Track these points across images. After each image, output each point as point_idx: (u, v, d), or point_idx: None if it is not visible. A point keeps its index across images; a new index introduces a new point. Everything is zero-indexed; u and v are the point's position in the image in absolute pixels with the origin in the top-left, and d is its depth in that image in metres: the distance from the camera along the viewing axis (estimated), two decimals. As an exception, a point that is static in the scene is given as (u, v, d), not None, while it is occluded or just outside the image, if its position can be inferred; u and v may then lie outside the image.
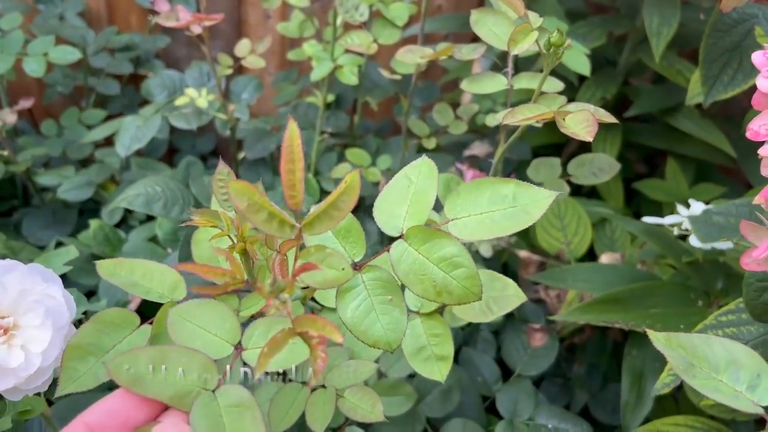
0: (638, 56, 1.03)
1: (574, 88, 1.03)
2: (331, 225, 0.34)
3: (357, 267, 0.39)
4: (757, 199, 0.42)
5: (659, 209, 1.08)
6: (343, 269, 0.36)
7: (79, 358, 0.38)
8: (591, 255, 0.94)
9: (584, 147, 1.14)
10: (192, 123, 0.78)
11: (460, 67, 1.10)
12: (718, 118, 1.04)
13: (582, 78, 1.03)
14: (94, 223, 0.76)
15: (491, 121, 0.72)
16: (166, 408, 0.35)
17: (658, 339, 0.42)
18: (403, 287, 0.39)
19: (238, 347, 0.36)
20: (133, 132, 0.79)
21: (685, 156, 1.08)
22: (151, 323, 0.41)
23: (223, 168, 0.48)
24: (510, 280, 0.51)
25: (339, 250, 0.40)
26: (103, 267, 0.42)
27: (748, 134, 0.41)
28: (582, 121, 0.48)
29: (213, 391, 0.34)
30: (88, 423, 0.34)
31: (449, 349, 0.49)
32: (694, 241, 0.64)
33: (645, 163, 1.23)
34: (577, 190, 1.12)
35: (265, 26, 1.20)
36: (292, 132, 0.33)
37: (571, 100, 0.53)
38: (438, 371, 0.49)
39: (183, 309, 0.38)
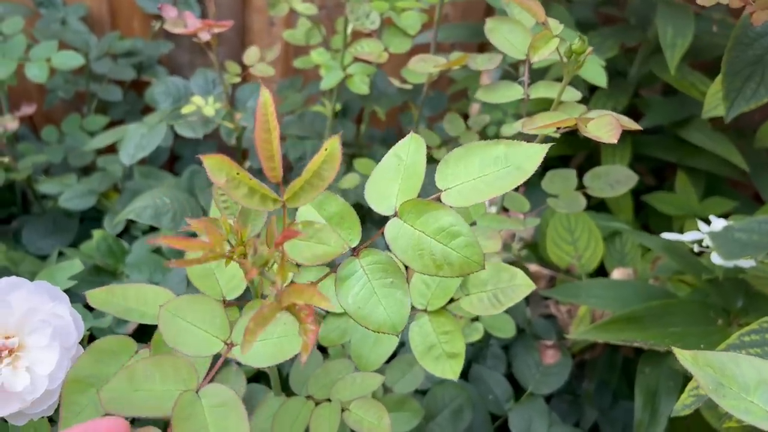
0: (649, 68, 1.02)
1: (585, 99, 1.01)
2: (314, 195, 0.33)
3: (354, 252, 0.37)
4: (796, 220, 0.40)
5: (668, 222, 1.07)
6: (333, 243, 0.35)
7: (80, 391, 0.37)
8: (602, 269, 0.92)
9: (592, 160, 1.13)
10: (198, 131, 0.76)
11: (467, 77, 1.09)
12: (730, 131, 1.03)
13: (592, 89, 1.02)
14: (97, 234, 0.74)
15: (509, 130, 0.71)
16: None
17: (685, 358, 0.40)
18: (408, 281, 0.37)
19: (229, 343, 0.36)
20: (138, 140, 0.77)
21: (695, 169, 1.07)
22: (148, 346, 0.39)
23: None
24: (518, 270, 0.50)
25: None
26: (94, 297, 0.41)
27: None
28: (606, 124, 0.46)
29: (196, 391, 0.33)
30: None
31: (460, 346, 0.48)
32: (715, 258, 0.62)
33: (654, 176, 1.22)
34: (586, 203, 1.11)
35: (269, 33, 1.18)
36: (265, 100, 0.31)
37: (582, 110, 0.52)
38: (450, 369, 0.48)
39: (174, 305, 0.37)
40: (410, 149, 0.38)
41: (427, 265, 0.35)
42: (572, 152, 1.14)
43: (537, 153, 0.36)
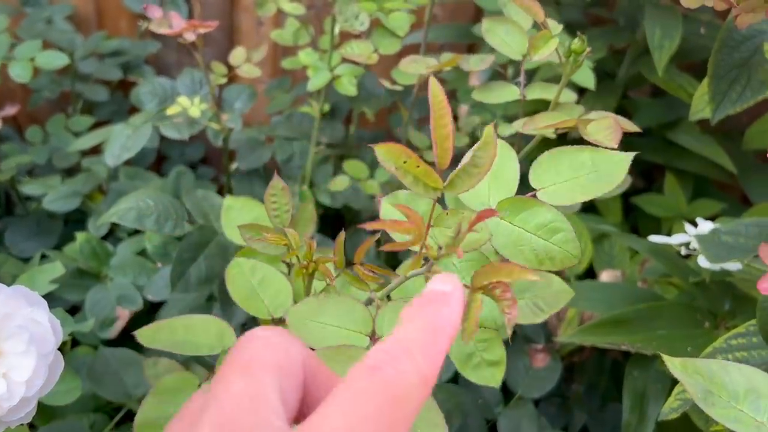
0: (638, 69, 1.02)
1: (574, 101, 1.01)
2: (472, 183, 0.34)
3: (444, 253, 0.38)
4: (783, 224, 0.40)
5: (657, 225, 1.07)
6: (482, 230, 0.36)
7: None
8: (590, 271, 0.92)
9: (581, 160, 1.13)
10: (183, 133, 0.75)
11: (456, 78, 1.08)
12: (717, 133, 1.03)
13: (581, 91, 1.02)
14: (80, 236, 0.73)
15: (505, 130, 0.70)
16: None
17: (674, 365, 0.40)
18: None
19: (373, 337, 0.35)
20: (123, 141, 0.76)
21: (684, 171, 1.07)
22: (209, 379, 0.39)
23: (277, 183, 0.46)
24: (554, 276, 0.50)
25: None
26: (144, 336, 0.41)
27: (773, 156, 0.39)
28: (606, 127, 0.46)
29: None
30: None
31: (501, 353, 0.47)
32: (702, 261, 0.62)
33: (643, 178, 1.22)
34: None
35: (257, 33, 1.17)
36: (435, 88, 0.33)
37: (573, 112, 0.52)
38: (492, 377, 0.47)
39: (301, 309, 0.36)
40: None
41: (529, 259, 0.36)
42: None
43: (623, 161, 0.38)
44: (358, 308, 0.36)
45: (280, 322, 0.41)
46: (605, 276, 0.86)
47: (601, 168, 0.38)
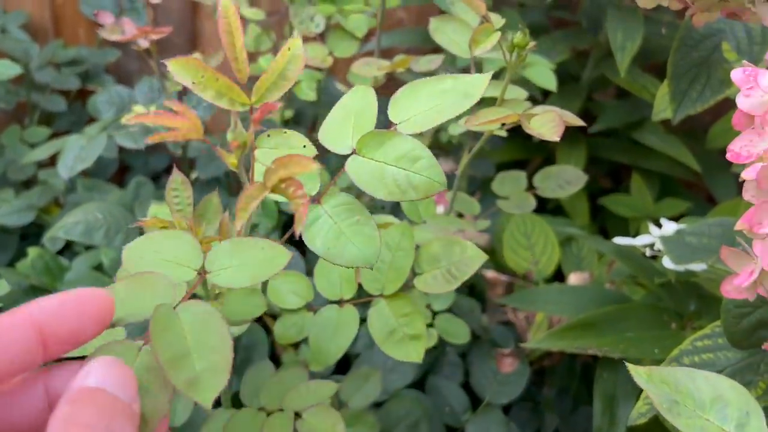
0: (601, 71, 1.02)
1: (539, 102, 1.01)
2: (279, 95, 0.35)
3: (316, 200, 0.38)
4: (740, 225, 0.39)
5: (625, 224, 1.07)
6: (304, 146, 0.36)
7: None
8: (559, 273, 0.92)
9: (548, 163, 1.13)
10: (139, 142, 0.73)
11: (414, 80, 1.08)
12: (682, 133, 1.04)
13: (546, 94, 1.02)
14: (32, 252, 0.70)
15: (455, 129, 0.70)
16: None
17: (639, 375, 0.39)
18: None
19: (201, 272, 0.34)
20: (77, 152, 0.74)
21: (650, 171, 1.08)
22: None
23: (177, 177, 0.45)
24: (468, 242, 0.50)
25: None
26: None
27: (728, 156, 0.39)
28: (549, 121, 0.46)
29: (174, 307, 0.31)
30: (34, 315, 0.28)
31: (421, 327, 0.48)
32: (667, 262, 0.62)
33: (610, 178, 1.22)
34: (541, 207, 1.11)
35: (220, 39, 1.15)
36: (226, 5, 0.34)
37: (536, 114, 0.51)
38: (414, 351, 0.48)
39: (136, 245, 0.35)
40: (356, 97, 0.39)
41: (392, 191, 0.36)
42: (529, 156, 1.13)
43: (481, 80, 0.38)
44: (189, 241, 0.35)
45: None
46: (573, 279, 0.86)
47: (461, 90, 0.37)
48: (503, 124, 0.51)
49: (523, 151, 1.10)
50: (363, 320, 0.80)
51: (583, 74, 1.06)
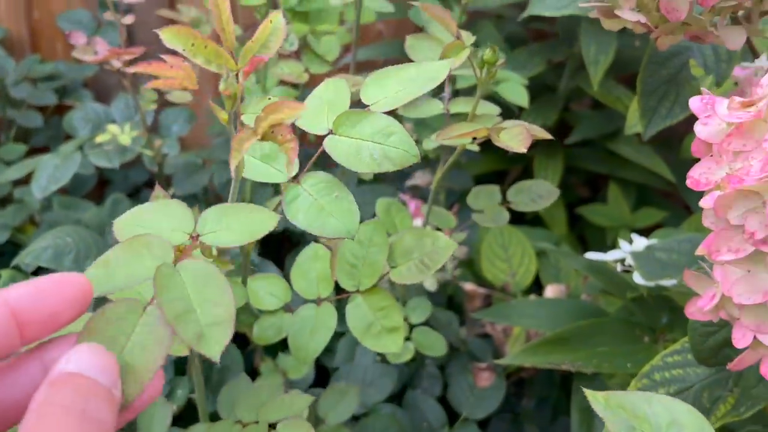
0: (577, 82, 1.03)
1: (514, 115, 1.02)
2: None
3: (295, 180, 0.40)
4: (700, 250, 0.40)
5: (602, 234, 1.08)
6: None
7: None
8: (537, 284, 0.92)
9: (526, 173, 1.14)
10: (114, 161, 0.73)
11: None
12: (657, 142, 1.05)
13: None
14: (5, 273, 0.70)
15: (428, 144, 0.71)
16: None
17: (597, 400, 0.40)
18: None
19: (194, 236, 0.35)
20: (51, 171, 0.74)
21: (626, 180, 1.09)
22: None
23: (158, 192, 0.47)
24: (439, 233, 0.52)
25: (269, 171, 0.42)
26: None
27: (688, 182, 0.40)
28: (516, 135, 0.48)
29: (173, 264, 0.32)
30: (10, 302, 0.28)
31: (398, 319, 0.50)
32: (637, 278, 0.63)
33: (588, 187, 1.23)
34: (520, 218, 1.11)
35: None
36: None
37: (511, 126, 0.52)
38: (392, 343, 0.49)
39: (127, 216, 0.36)
40: (329, 89, 0.41)
41: (369, 164, 0.38)
42: (507, 167, 1.14)
43: (444, 66, 0.41)
44: (181, 207, 0.37)
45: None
46: (550, 291, 0.86)
47: (425, 77, 0.40)
48: (474, 138, 0.52)
49: (501, 162, 1.10)
50: (342, 334, 0.80)
51: (559, 85, 1.07)
